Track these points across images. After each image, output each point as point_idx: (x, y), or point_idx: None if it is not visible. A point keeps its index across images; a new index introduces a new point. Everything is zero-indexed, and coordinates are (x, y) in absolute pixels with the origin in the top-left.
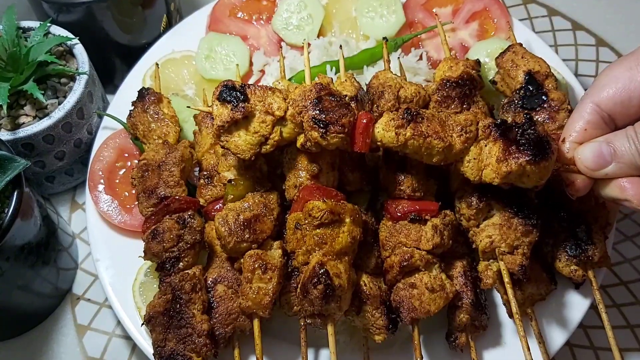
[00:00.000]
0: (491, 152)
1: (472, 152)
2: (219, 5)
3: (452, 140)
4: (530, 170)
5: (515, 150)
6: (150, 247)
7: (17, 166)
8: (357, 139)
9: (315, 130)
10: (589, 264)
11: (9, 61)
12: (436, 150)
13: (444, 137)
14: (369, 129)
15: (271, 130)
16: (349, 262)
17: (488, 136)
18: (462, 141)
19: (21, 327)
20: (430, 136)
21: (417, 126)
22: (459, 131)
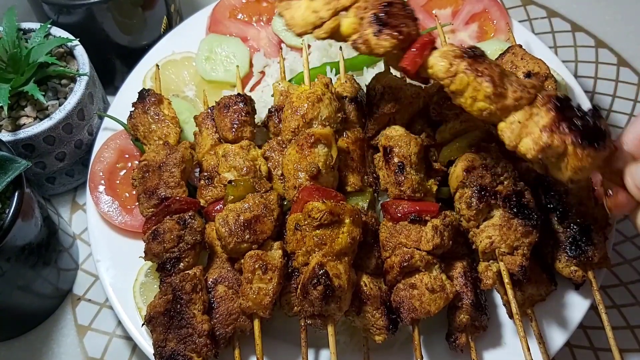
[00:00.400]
0: (539, 122)
1: (519, 114)
2: (219, 6)
3: (504, 92)
4: (571, 153)
5: (565, 126)
6: (150, 247)
7: (17, 167)
8: (409, 55)
9: (371, 27)
10: (589, 265)
11: (10, 62)
12: (484, 94)
13: (498, 85)
14: (425, 51)
15: (331, 16)
16: (348, 263)
17: (544, 104)
18: (516, 97)
19: (22, 328)
20: (484, 76)
21: (474, 63)
22: (516, 87)
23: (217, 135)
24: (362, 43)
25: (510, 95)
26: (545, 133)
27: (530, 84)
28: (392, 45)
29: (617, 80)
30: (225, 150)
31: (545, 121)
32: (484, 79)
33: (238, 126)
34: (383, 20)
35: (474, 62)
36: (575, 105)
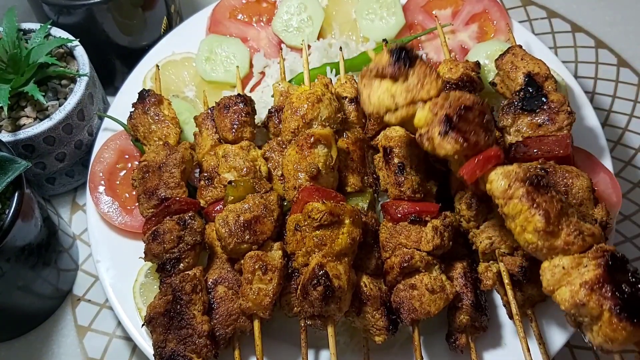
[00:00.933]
0: (584, 275)
1: (566, 260)
2: (219, 7)
3: (557, 232)
4: (606, 320)
5: (609, 288)
6: (150, 248)
7: (17, 167)
8: (469, 164)
9: (439, 126)
10: None
11: (10, 63)
12: (534, 227)
13: (553, 222)
14: (488, 164)
15: (407, 104)
16: (348, 263)
17: (595, 258)
18: (567, 241)
19: (22, 328)
20: (539, 209)
21: (534, 191)
22: (573, 230)
23: (217, 136)
24: (427, 139)
25: (563, 238)
26: (585, 290)
27: (589, 230)
28: (454, 150)
29: (617, 81)
30: (225, 150)
31: (590, 276)
32: (537, 212)
33: (238, 127)
34: (453, 123)
35: (534, 191)
36: (631, 269)
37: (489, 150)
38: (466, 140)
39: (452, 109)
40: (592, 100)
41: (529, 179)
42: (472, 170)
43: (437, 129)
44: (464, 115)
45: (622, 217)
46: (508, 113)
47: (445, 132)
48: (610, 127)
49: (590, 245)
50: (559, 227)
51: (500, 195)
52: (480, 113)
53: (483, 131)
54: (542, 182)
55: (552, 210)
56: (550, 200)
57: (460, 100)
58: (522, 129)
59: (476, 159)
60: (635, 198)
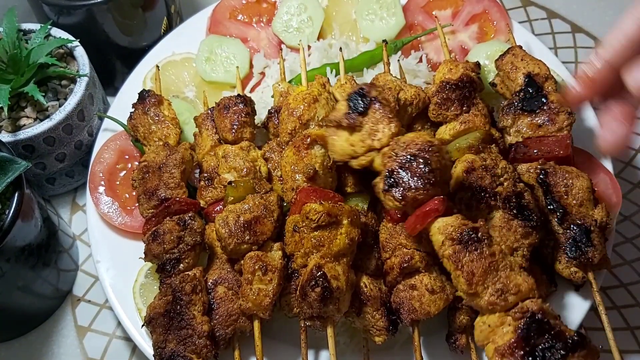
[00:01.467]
0: (505, 336)
1: (491, 318)
2: (219, 7)
3: (479, 293)
4: None
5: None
6: (150, 248)
7: (17, 168)
8: (410, 219)
9: (382, 182)
10: (589, 266)
11: (10, 63)
12: (460, 288)
13: (475, 283)
14: (428, 218)
15: (364, 153)
16: (347, 264)
17: (516, 319)
18: (490, 302)
19: (21, 329)
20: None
21: (462, 251)
22: (496, 290)
23: (217, 136)
24: (377, 193)
25: (486, 298)
26: (497, 355)
27: (515, 288)
28: (395, 207)
29: None
30: (225, 151)
31: (506, 339)
32: (461, 274)
33: (238, 127)
34: (394, 179)
35: (461, 250)
36: (553, 332)
37: (429, 203)
38: (404, 197)
39: (397, 161)
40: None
41: (460, 236)
42: (412, 225)
43: (381, 185)
44: (408, 167)
45: (622, 217)
46: (508, 113)
47: (386, 190)
48: None
49: (514, 304)
50: (483, 286)
51: (437, 251)
52: (425, 161)
53: (422, 182)
54: (472, 237)
55: (479, 269)
56: (478, 258)
57: (408, 148)
58: (522, 130)
59: (417, 213)
60: (635, 198)
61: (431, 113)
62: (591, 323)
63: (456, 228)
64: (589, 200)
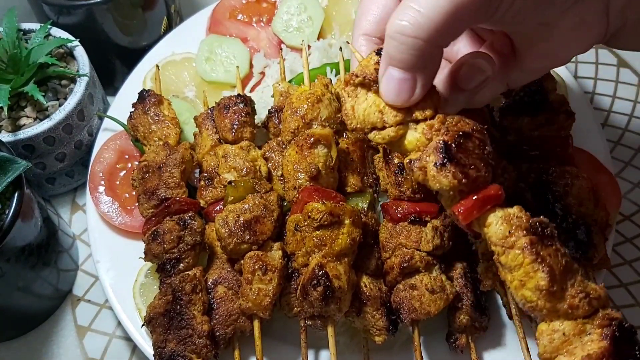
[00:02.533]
0: (587, 345)
1: (567, 325)
2: (219, 7)
3: (561, 294)
4: None
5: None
6: (150, 248)
7: (17, 168)
8: (466, 203)
9: (435, 155)
10: (589, 266)
11: (10, 63)
12: (535, 285)
13: (558, 281)
14: (487, 205)
15: (396, 123)
16: (348, 264)
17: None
18: (572, 304)
19: (21, 328)
20: (543, 264)
21: (538, 242)
22: (578, 292)
23: (217, 136)
24: (419, 169)
25: (568, 300)
26: None
27: (596, 292)
28: (450, 185)
29: (617, 81)
30: (225, 151)
31: (594, 349)
32: (541, 268)
33: (238, 127)
34: (451, 153)
35: (538, 242)
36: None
37: (489, 188)
38: (466, 176)
39: (450, 136)
40: (592, 101)
41: (533, 227)
42: (468, 210)
43: (432, 158)
44: (463, 145)
45: (622, 217)
46: (508, 113)
47: (442, 164)
48: (610, 127)
49: (595, 309)
50: (563, 287)
51: (498, 243)
52: (481, 142)
53: (484, 165)
54: (547, 231)
55: (558, 266)
56: (555, 254)
57: (459, 125)
58: (522, 129)
59: (474, 198)
60: (635, 198)
61: None
62: None
63: (526, 219)
64: (589, 200)
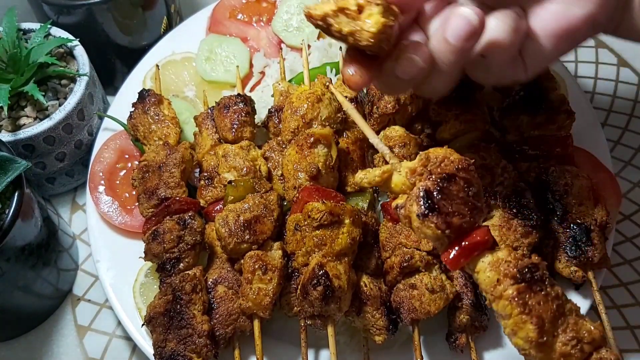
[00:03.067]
0: None
1: None
2: (219, 7)
3: (551, 342)
4: None
5: None
6: (150, 248)
7: (17, 167)
8: (454, 252)
9: (417, 204)
10: (589, 265)
11: (10, 63)
12: (525, 336)
13: (547, 331)
14: (475, 252)
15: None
16: (348, 263)
17: None
18: (563, 352)
19: (21, 328)
20: (531, 316)
21: (525, 291)
22: (569, 337)
23: (217, 136)
24: (404, 217)
25: (558, 349)
26: None
27: (589, 336)
28: (434, 236)
29: (617, 81)
30: (225, 150)
31: None
32: (529, 320)
33: (238, 126)
34: (433, 202)
35: (525, 290)
36: None
37: (475, 233)
38: (449, 225)
39: (432, 181)
40: (592, 100)
41: (522, 274)
42: (456, 259)
43: (414, 208)
44: (446, 190)
45: (622, 217)
46: (508, 112)
47: (424, 215)
48: (610, 127)
49: (588, 355)
50: (554, 334)
51: (488, 290)
52: (466, 183)
53: (469, 210)
54: (536, 276)
55: (548, 314)
56: (545, 300)
57: (442, 166)
58: (522, 129)
59: (461, 244)
60: (635, 198)
61: (431, 112)
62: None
63: (514, 264)
64: (588, 200)
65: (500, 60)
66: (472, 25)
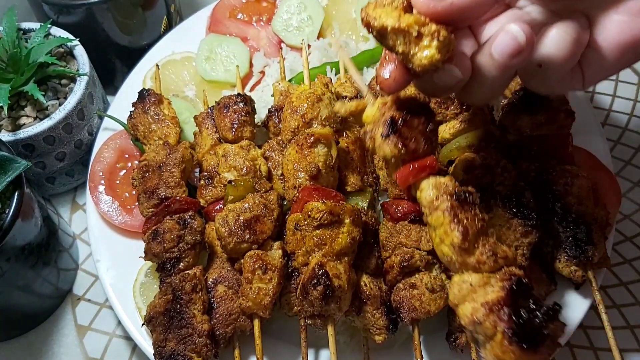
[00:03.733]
0: (488, 294)
1: (474, 277)
2: (219, 6)
3: (471, 250)
4: (498, 341)
5: (506, 312)
6: (150, 247)
7: (17, 167)
8: (404, 170)
9: (383, 127)
10: (589, 265)
11: (10, 62)
12: (450, 242)
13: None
14: (422, 173)
15: None
16: (348, 263)
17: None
18: (480, 260)
19: (22, 328)
20: (459, 225)
21: (458, 207)
22: (488, 251)
23: (217, 135)
24: (369, 138)
25: (476, 256)
26: (484, 309)
27: (503, 253)
28: (392, 153)
29: (617, 80)
30: (225, 150)
31: (492, 297)
32: (457, 228)
33: (238, 126)
34: (396, 127)
35: (458, 206)
36: (534, 298)
37: (425, 159)
38: (405, 146)
39: (398, 112)
40: (592, 100)
41: (457, 194)
42: (405, 176)
43: (379, 130)
44: (409, 121)
45: (622, 216)
46: (508, 112)
47: (386, 135)
48: (610, 127)
49: (500, 267)
50: (474, 245)
51: (426, 205)
52: (426, 120)
53: (424, 139)
54: (468, 199)
55: (472, 228)
56: (472, 218)
57: (409, 104)
58: (522, 128)
59: (411, 166)
60: (635, 197)
61: None
62: (591, 322)
63: (454, 186)
64: (588, 199)
65: (557, 71)
66: (519, 43)
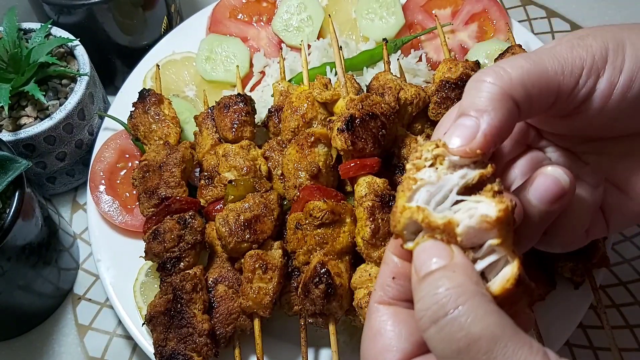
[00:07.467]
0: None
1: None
2: (219, 6)
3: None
4: None
5: None
6: (151, 247)
7: (18, 167)
8: (347, 164)
9: (341, 122)
10: (588, 265)
11: (10, 62)
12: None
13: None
14: (362, 170)
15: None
16: (349, 262)
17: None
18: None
19: (22, 327)
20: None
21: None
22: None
23: (217, 135)
24: (329, 128)
25: (379, 252)
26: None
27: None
28: (341, 147)
29: None
30: (225, 150)
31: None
32: (370, 225)
33: (238, 126)
34: (352, 125)
35: (379, 207)
36: None
37: (369, 159)
38: (354, 145)
39: (360, 112)
40: None
41: (382, 196)
42: (347, 169)
43: (338, 124)
44: (365, 122)
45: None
46: None
47: (341, 130)
48: None
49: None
50: (382, 243)
51: (357, 199)
52: (381, 125)
53: (373, 142)
54: (391, 203)
55: (383, 228)
56: (387, 219)
57: (373, 107)
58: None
59: (354, 162)
60: None
61: (431, 112)
62: (590, 321)
63: (382, 189)
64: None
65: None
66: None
